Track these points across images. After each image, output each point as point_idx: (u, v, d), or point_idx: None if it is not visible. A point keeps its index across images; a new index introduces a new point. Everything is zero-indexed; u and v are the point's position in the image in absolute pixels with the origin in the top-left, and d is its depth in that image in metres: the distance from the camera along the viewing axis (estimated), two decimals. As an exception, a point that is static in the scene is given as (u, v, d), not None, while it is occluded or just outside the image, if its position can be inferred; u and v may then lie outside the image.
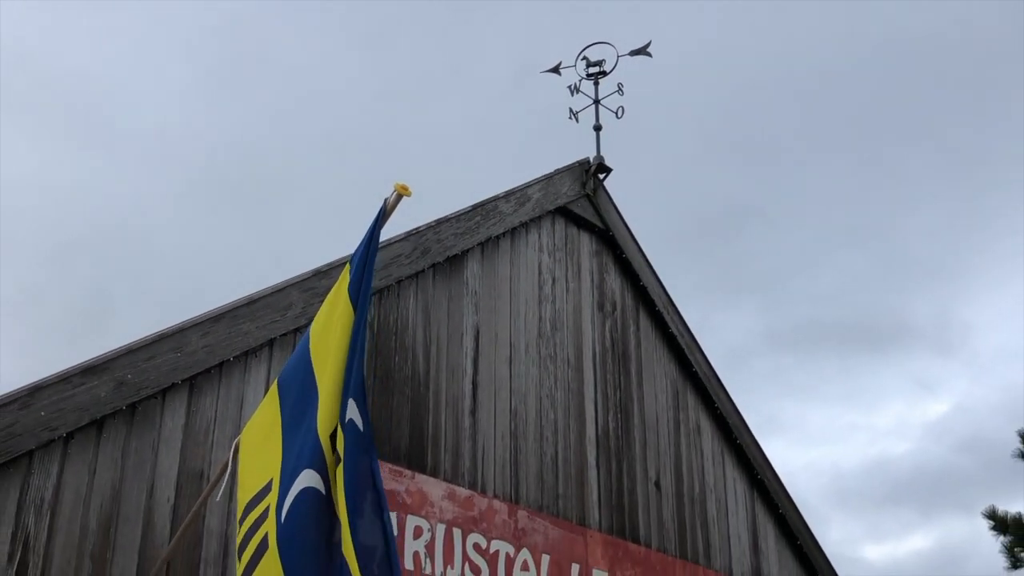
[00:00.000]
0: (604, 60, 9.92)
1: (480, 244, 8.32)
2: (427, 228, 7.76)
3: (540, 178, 9.02)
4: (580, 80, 9.94)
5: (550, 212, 9.14)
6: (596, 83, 9.93)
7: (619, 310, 9.64)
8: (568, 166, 9.38)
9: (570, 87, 9.95)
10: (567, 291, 9.12)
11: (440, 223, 7.89)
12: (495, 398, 8.05)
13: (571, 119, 9.89)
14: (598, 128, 9.76)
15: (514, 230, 8.71)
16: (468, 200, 8.22)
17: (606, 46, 9.97)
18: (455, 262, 8.09)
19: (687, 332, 10.11)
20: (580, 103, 9.90)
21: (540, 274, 8.90)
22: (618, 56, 9.93)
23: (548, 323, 8.80)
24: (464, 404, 7.78)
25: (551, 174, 9.16)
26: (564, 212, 9.32)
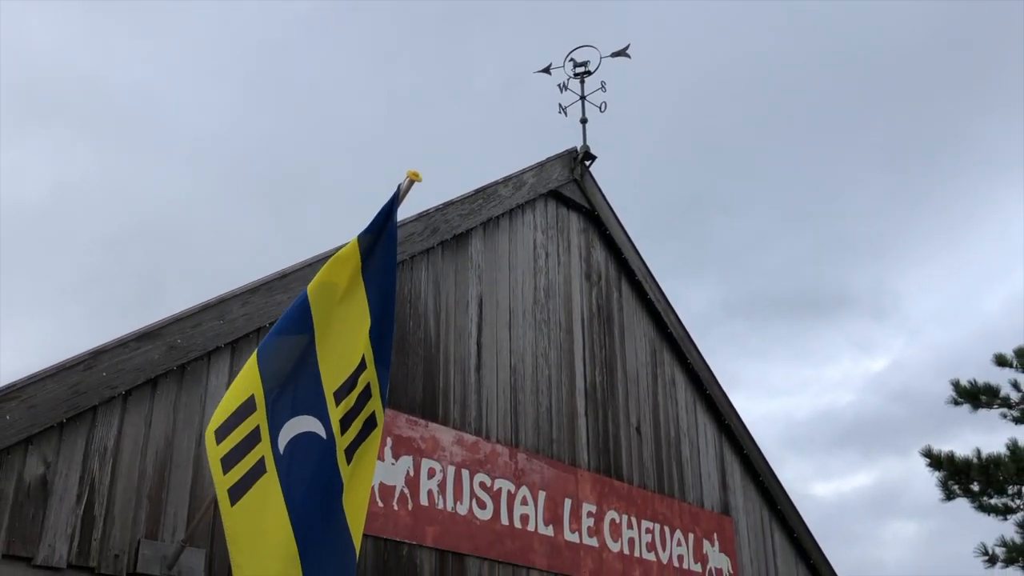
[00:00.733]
0: (589, 61, 9.89)
1: (482, 223, 8.32)
2: (436, 210, 7.76)
3: (534, 165, 9.02)
4: (568, 79, 9.93)
5: (543, 195, 9.13)
6: (582, 81, 9.90)
7: (604, 280, 9.65)
8: (558, 154, 9.37)
9: (559, 85, 9.93)
10: (558, 264, 9.14)
11: (447, 206, 7.90)
12: (497, 357, 8.08)
13: (560, 113, 9.88)
14: (584, 121, 9.74)
15: (512, 211, 8.72)
16: (471, 186, 8.24)
17: (590, 48, 9.94)
18: (461, 239, 8.10)
19: (663, 298, 10.13)
20: (568, 99, 9.89)
21: (535, 249, 8.91)
22: (601, 57, 9.91)
23: (542, 291, 8.82)
24: (470, 362, 7.81)
25: (543, 162, 9.15)
26: (555, 195, 9.32)
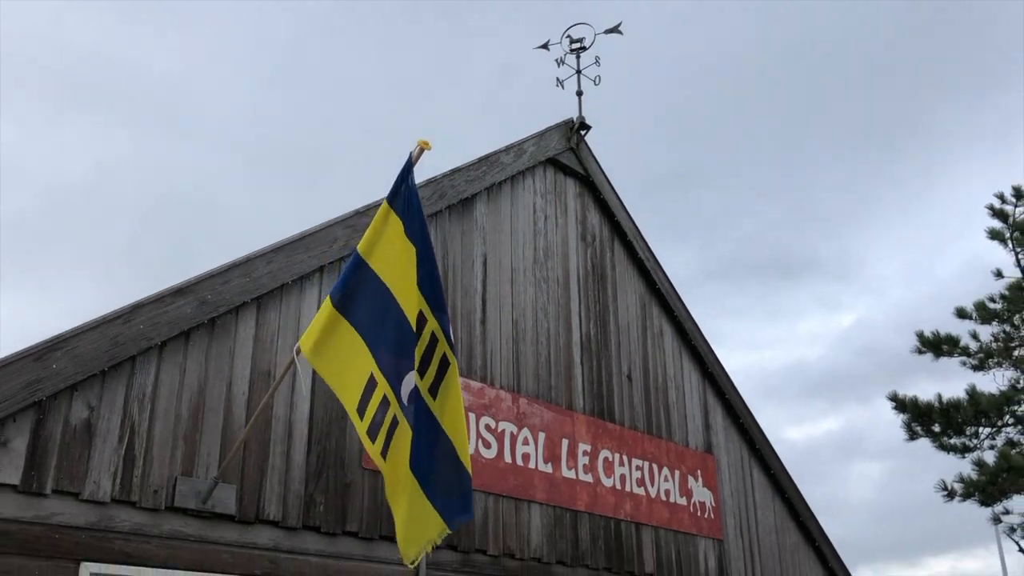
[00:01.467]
0: (584, 37, 9.80)
1: (486, 189, 8.29)
2: (443, 177, 7.73)
3: (534, 135, 8.96)
4: (564, 54, 9.84)
5: (542, 162, 9.09)
6: (578, 57, 9.81)
7: (598, 240, 9.63)
8: (556, 124, 9.31)
9: (556, 60, 9.84)
10: (556, 226, 9.11)
11: (454, 172, 7.86)
12: (500, 311, 8.09)
13: (558, 86, 9.81)
14: (580, 93, 9.65)
15: (513, 177, 8.68)
16: (475, 156, 8.20)
17: (586, 26, 9.84)
18: (467, 204, 8.08)
19: (652, 257, 10.11)
20: (564, 73, 9.81)
21: (534, 212, 8.88)
22: (595, 34, 9.81)
23: (541, 251, 8.81)
24: (476, 316, 7.83)
25: (542, 131, 9.09)
26: (553, 162, 9.27)
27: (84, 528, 4.89)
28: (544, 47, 9.93)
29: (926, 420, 13.99)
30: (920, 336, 15.04)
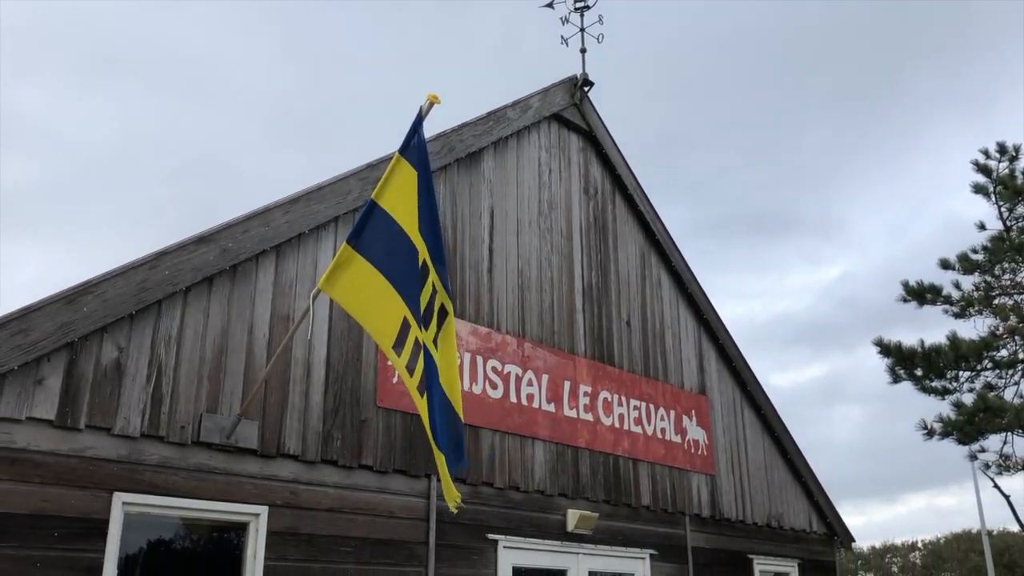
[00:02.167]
0: (588, -4, 9.63)
1: (493, 143, 8.22)
2: (452, 131, 7.66)
3: (539, 91, 8.86)
4: (569, 13, 9.67)
5: (547, 118, 8.99)
6: (582, 15, 9.64)
7: (600, 193, 9.57)
8: (560, 81, 9.19)
9: (561, 18, 9.68)
10: (560, 179, 9.05)
11: (462, 127, 7.79)
12: (506, 261, 8.07)
13: (562, 44, 9.66)
14: (583, 51, 9.51)
15: (519, 132, 8.60)
16: (483, 111, 8.11)
17: None
18: (474, 157, 8.02)
19: (651, 209, 10.05)
20: (569, 32, 9.66)
21: (539, 166, 8.82)
22: (599, -7, 9.64)
23: (546, 204, 8.76)
24: (483, 265, 7.81)
25: (547, 88, 8.98)
26: (557, 118, 9.17)
27: (116, 461, 4.94)
28: (549, 6, 9.76)
29: (909, 364, 14.01)
30: (905, 285, 15.01)
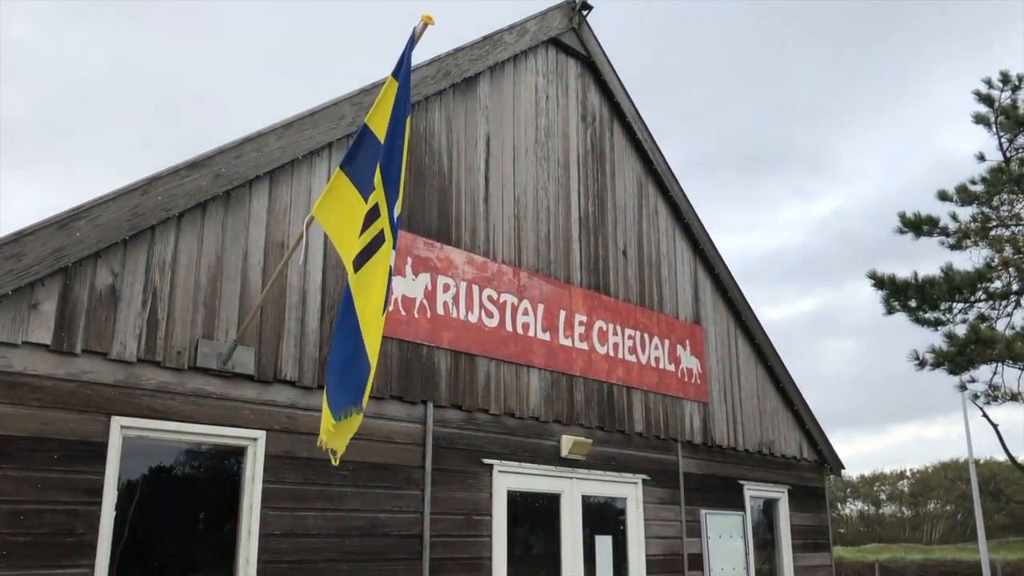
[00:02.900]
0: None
1: (490, 68, 8.08)
2: (447, 55, 7.52)
3: (536, 15, 8.67)
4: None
5: (544, 42, 8.83)
6: (581, -63, 9.38)
7: (598, 121, 9.45)
8: (558, 4, 8.99)
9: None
10: (557, 106, 8.93)
11: (458, 51, 7.64)
12: (502, 189, 8.01)
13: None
14: (582, -26, 9.29)
15: (516, 57, 8.44)
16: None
17: None
18: (470, 83, 7.89)
19: (650, 138, 9.95)
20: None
21: (536, 92, 8.68)
22: (598, -86, 9.35)
23: (543, 131, 8.65)
24: (479, 194, 7.75)
25: (545, 11, 8.79)
26: (555, 42, 9.00)
27: (113, 385, 4.97)
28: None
29: (903, 296, 14.06)
30: (902, 217, 14.97)
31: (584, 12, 9.16)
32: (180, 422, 5.23)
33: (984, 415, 13.74)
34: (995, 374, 13.49)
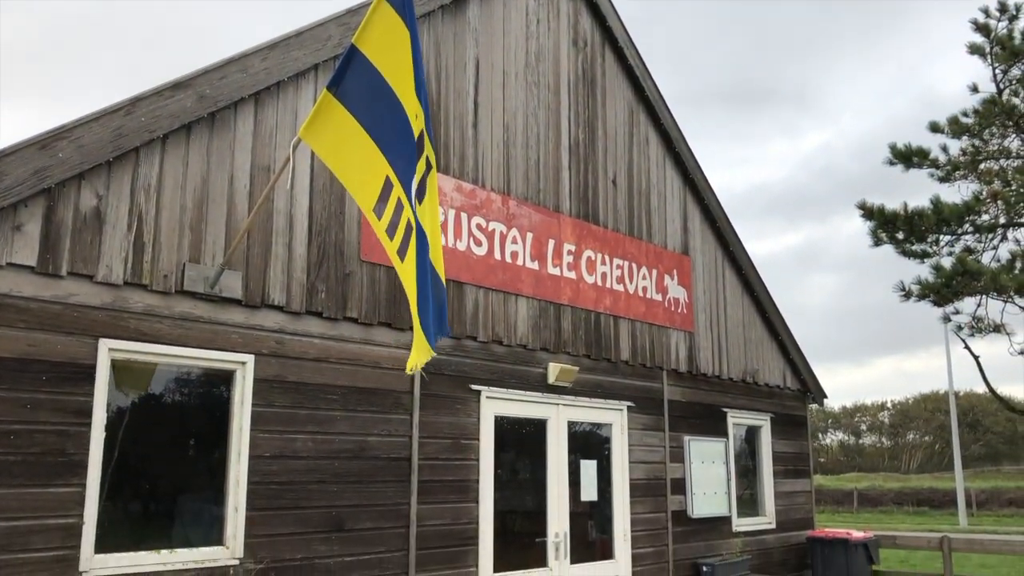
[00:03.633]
0: None
1: (479, -10, 7.90)
2: (437, -24, 7.34)
3: (527, -64, 8.45)
4: None
5: (535, -35, 8.62)
6: None
7: (589, 46, 9.29)
8: (550, -74, 8.77)
9: None
10: (548, 30, 8.76)
11: (447, -28, 7.46)
12: (491, 115, 7.91)
13: None
14: None
15: (506, -21, 8.26)
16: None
17: None
18: (459, 4, 7.72)
19: (642, 64, 9.80)
20: None
21: (527, 15, 8.51)
22: None
23: (533, 56, 8.51)
24: (468, 119, 7.66)
25: (536, -68, 8.57)
26: (546, -35, 8.79)
27: (100, 308, 4.95)
28: None
29: (891, 228, 14.07)
30: (892, 148, 14.89)
31: (577, -67, 8.93)
32: (168, 345, 5.23)
33: (966, 347, 13.88)
34: (979, 306, 13.61)
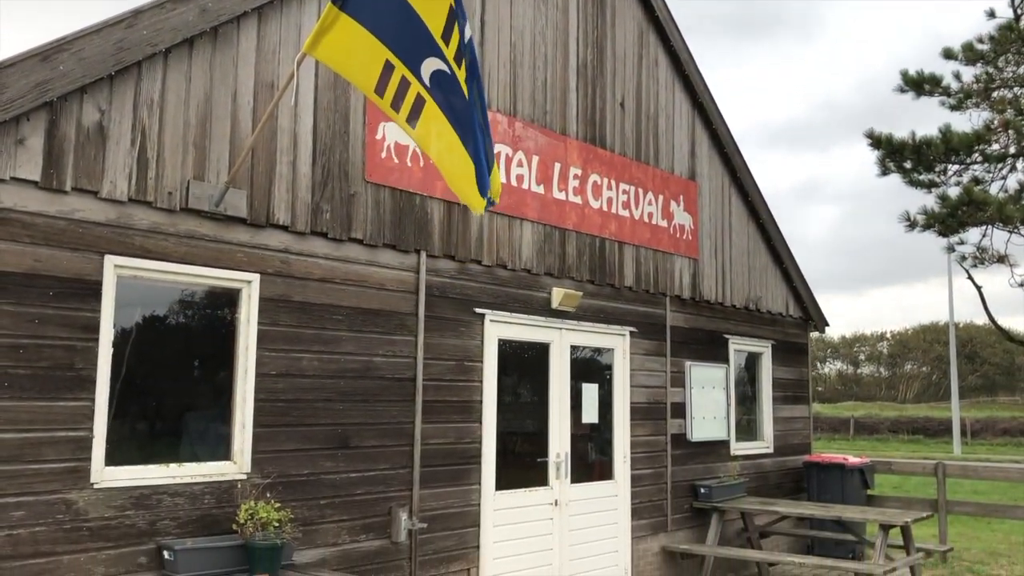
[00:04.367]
0: None
1: (487, -97, 7.66)
2: None
3: None
4: None
5: None
6: None
7: (598, -36, 9.05)
8: None
9: None
10: (557, -53, 8.52)
11: None
12: (499, 34, 7.75)
13: None
14: None
15: None
16: None
17: None
18: (467, -82, 7.50)
19: (652, -16, 9.57)
20: None
21: (536, -69, 8.27)
22: None
23: (541, -27, 8.29)
24: (475, 38, 7.49)
25: None
26: None
27: (105, 224, 4.94)
28: None
29: (899, 157, 13.95)
30: (904, 75, 14.66)
31: None
32: (174, 263, 5.23)
33: (969, 277, 13.91)
34: (984, 236, 13.57)
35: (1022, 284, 13.17)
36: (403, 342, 6.57)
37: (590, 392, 8.46)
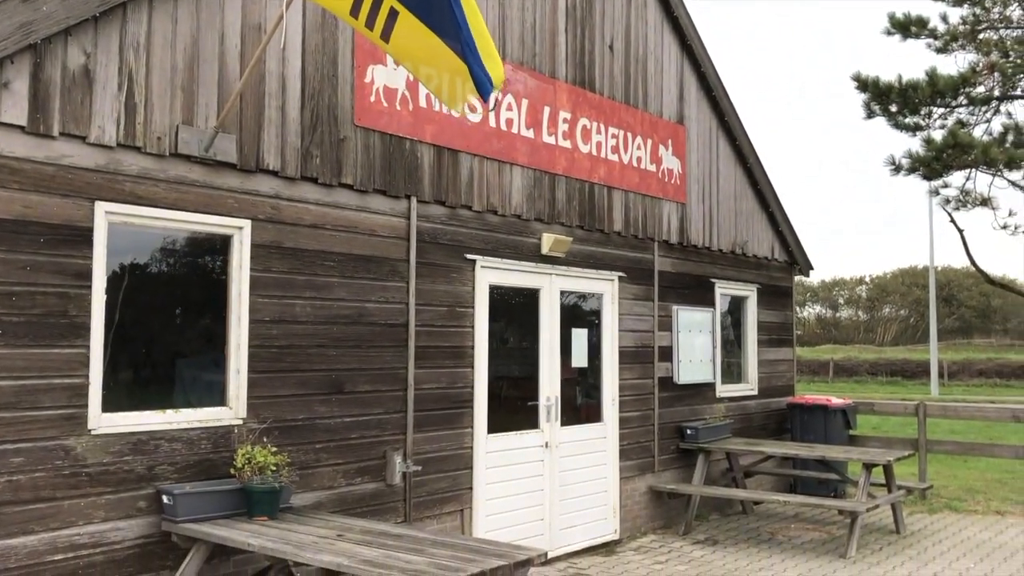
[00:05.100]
0: None
1: None
2: None
3: None
4: None
5: None
6: None
7: (587, -98, 8.86)
8: None
9: None
10: None
11: None
12: (486, -26, 7.61)
13: None
14: None
15: None
16: None
17: None
18: None
19: (641, -77, 9.39)
20: None
21: None
22: None
23: (529, -89, 8.12)
24: (462, -22, 7.35)
25: None
26: None
27: (94, 170, 4.87)
28: None
29: (884, 100, 13.93)
30: (891, 17, 14.56)
31: None
32: (165, 209, 5.18)
33: (952, 220, 14.02)
34: (968, 179, 13.65)
35: (1004, 227, 13.30)
36: (395, 288, 6.57)
37: (579, 337, 8.52)
